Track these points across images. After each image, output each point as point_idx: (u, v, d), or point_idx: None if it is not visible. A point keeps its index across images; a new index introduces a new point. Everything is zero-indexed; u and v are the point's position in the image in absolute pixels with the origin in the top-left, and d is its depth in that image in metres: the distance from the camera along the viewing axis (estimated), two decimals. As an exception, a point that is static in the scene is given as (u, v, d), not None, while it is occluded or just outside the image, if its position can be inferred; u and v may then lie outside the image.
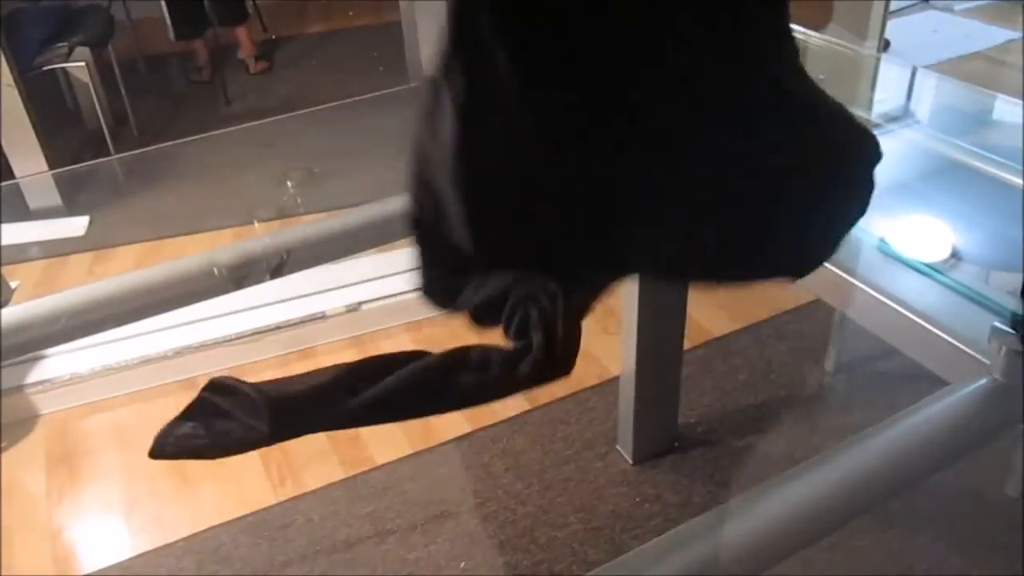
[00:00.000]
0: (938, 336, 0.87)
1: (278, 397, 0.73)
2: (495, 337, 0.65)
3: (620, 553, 1.54)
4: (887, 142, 1.37)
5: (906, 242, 1.04)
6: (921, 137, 1.35)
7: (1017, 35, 3.74)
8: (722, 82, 0.56)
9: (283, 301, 2.10)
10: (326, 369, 0.77)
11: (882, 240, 1.03)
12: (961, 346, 0.84)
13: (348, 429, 0.74)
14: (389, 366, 0.72)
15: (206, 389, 0.77)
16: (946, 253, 1.02)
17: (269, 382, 0.78)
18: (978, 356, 0.81)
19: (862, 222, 1.07)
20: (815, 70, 1.24)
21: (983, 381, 0.70)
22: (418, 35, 2.82)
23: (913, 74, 1.66)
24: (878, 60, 1.97)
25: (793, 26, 1.50)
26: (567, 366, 0.64)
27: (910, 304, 0.92)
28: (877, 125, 1.31)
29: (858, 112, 1.37)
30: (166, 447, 0.74)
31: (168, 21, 3.56)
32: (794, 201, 0.62)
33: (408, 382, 0.69)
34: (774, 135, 0.59)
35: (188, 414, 0.77)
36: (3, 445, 1.87)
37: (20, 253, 2.55)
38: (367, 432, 1.75)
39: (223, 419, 0.75)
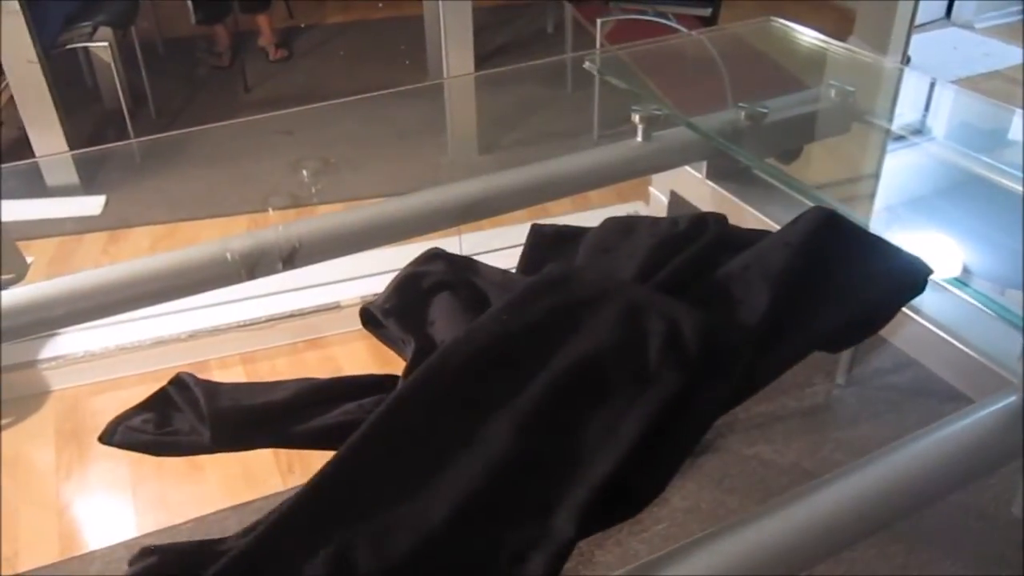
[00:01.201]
0: (962, 350, 0.88)
1: (223, 410, 0.73)
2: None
3: (627, 556, 1.55)
4: (904, 154, 1.38)
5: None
6: (938, 151, 1.35)
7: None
8: None
9: (298, 289, 2.11)
10: (289, 384, 0.77)
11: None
12: (984, 361, 0.85)
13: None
14: (351, 391, 0.71)
15: (171, 383, 0.77)
16: (958, 270, 1.01)
17: (234, 386, 0.78)
18: (1000, 371, 0.82)
19: (886, 232, 1.07)
20: (838, 78, 1.24)
21: (1012, 398, 0.70)
22: (441, 30, 2.82)
23: (932, 87, 1.65)
24: (902, 71, 1.97)
25: (816, 34, 1.48)
26: None
27: (934, 317, 0.92)
28: (904, 139, 1.31)
29: (879, 122, 1.37)
30: (115, 435, 0.74)
31: (190, 5, 3.57)
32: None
33: (353, 420, 0.69)
34: None
35: (146, 406, 0.77)
36: (13, 420, 1.87)
37: (36, 229, 2.56)
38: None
39: (177, 416, 0.75)
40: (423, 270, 0.87)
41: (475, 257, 0.99)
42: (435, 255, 0.90)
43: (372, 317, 0.85)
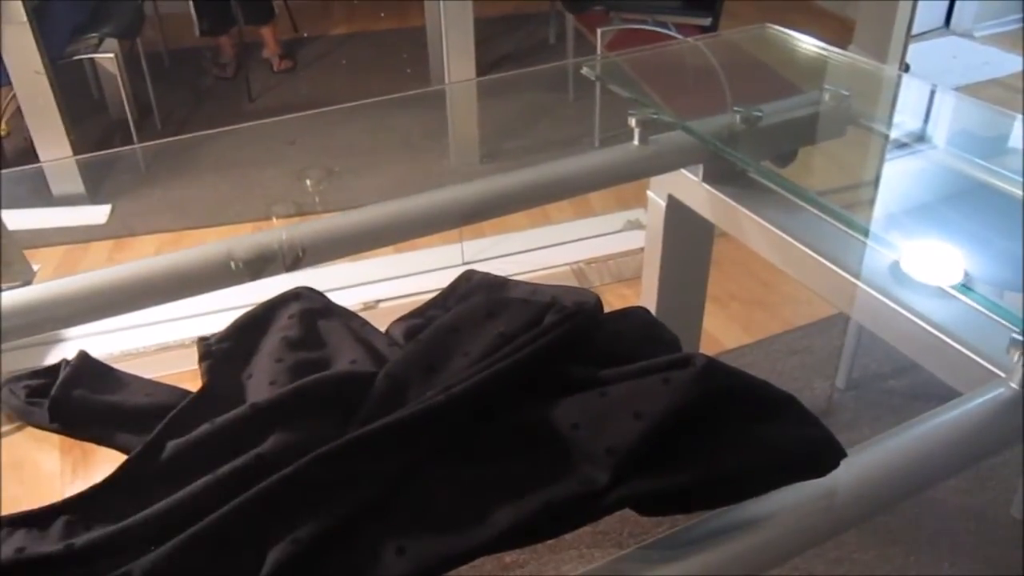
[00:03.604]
0: (956, 348, 0.89)
1: (68, 396, 0.74)
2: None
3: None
4: (899, 158, 1.39)
5: (920, 264, 1.05)
6: (940, 157, 1.37)
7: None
8: None
9: (301, 295, 2.13)
10: (163, 391, 0.78)
11: (895, 263, 1.04)
12: (978, 359, 0.86)
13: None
14: (208, 412, 0.71)
15: (72, 358, 0.79)
16: (959, 276, 1.03)
17: (113, 376, 0.79)
18: (995, 369, 0.83)
19: (885, 236, 1.08)
20: (837, 84, 1.26)
21: (1001, 390, 0.71)
22: (443, 41, 2.85)
23: (929, 91, 1.67)
24: (899, 76, 1.98)
25: (813, 40, 1.49)
26: None
27: (929, 317, 0.93)
28: (903, 144, 1.33)
29: (874, 126, 1.39)
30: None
31: (194, 17, 3.61)
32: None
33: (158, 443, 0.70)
34: None
35: (39, 372, 0.79)
36: (19, 424, 1.89)
37: (42, 238, 2.58)
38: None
39: (51, 389, 0.77)
40: (268, 313, 0.87)
41: (474, 265, 1.00)
42: (295, 295, 0.90)
43: (206, 352, 0.83)
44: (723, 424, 0.61)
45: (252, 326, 0.85)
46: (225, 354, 0.81)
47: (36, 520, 0.63)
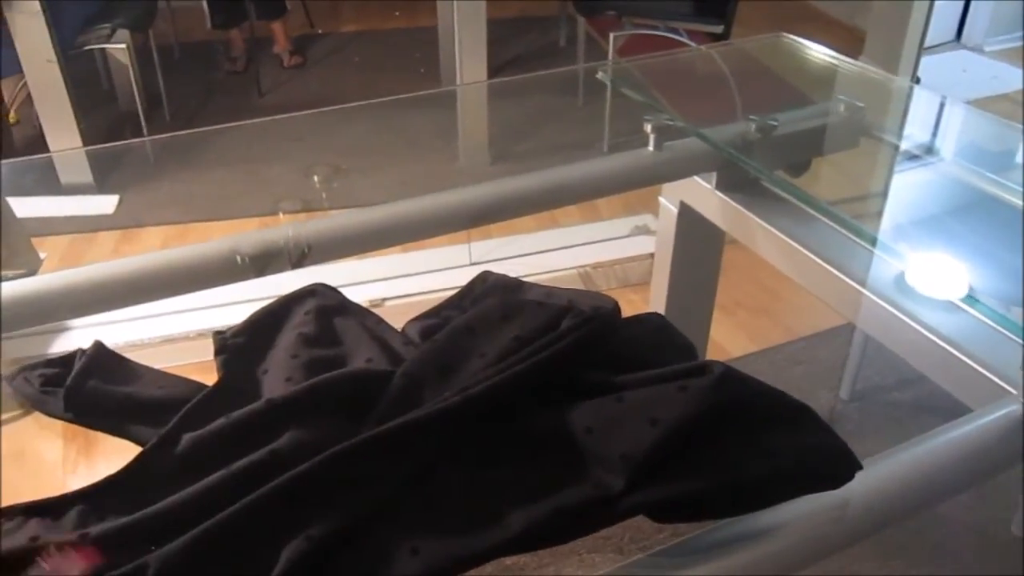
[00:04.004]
0: (965, 362, 0.88)
1: (82, 386, 0.74)
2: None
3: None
4: (912, 171, 1.39)
5: (926, 276, 1.05)
6: (949, 169, 1.36)
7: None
8: None
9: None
10: (178, 384, 0.78)
11: (900, 276, 1.04)
12: (987, 374, 0.85)
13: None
14: (222, 407, 0.71)
15: (87, 348, 0.79)
16: (964, 290, 1.02)
17: (127, 367, 0.79)
18: (1006, 385, 0.83)
19: (893, 247, 1.08)
20: (848, 95, 1.25)
21: (1014, 407, 0.71)
22: (455, 41, 2.85)
23: (941, 105, 1.66)
24: (912, 88, 1.98)
25: (826, 50, 1.49)
26: None
27: (937, 329, 0.93)
28: (914, 156, 1.33)
29: (888, 138, 1.39)
30: (15, 379, 0.77)
31: (206, 9, 3.61)
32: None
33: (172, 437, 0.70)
34: None
35: (53, 361, 0.79)
36: (22, 413, 1.89)
37: (50, 226, 2.58)
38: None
39: (66, 378, 0.77)
40: (284, 309, 0.86)
41: (481, 266, 0.99)
42: (311, 291, 0.89)
43: (222, 346, 0.83)
44: (739, 433, 0.61)
45: (268, 321, 0.85)
46: (240, 349, 0.81)
47: (50, 509, 0.63)
